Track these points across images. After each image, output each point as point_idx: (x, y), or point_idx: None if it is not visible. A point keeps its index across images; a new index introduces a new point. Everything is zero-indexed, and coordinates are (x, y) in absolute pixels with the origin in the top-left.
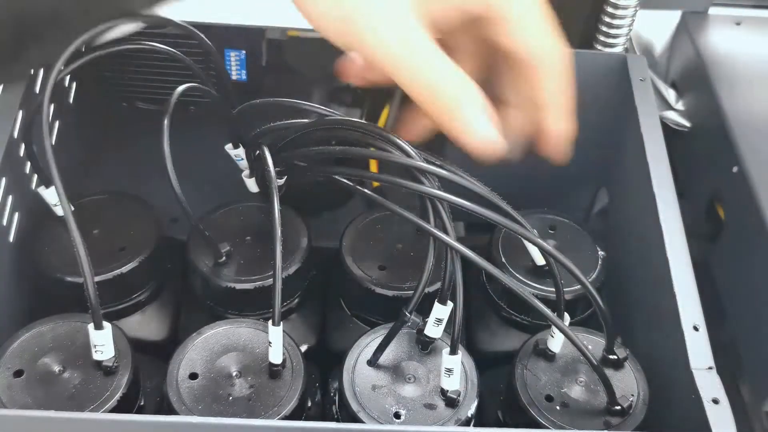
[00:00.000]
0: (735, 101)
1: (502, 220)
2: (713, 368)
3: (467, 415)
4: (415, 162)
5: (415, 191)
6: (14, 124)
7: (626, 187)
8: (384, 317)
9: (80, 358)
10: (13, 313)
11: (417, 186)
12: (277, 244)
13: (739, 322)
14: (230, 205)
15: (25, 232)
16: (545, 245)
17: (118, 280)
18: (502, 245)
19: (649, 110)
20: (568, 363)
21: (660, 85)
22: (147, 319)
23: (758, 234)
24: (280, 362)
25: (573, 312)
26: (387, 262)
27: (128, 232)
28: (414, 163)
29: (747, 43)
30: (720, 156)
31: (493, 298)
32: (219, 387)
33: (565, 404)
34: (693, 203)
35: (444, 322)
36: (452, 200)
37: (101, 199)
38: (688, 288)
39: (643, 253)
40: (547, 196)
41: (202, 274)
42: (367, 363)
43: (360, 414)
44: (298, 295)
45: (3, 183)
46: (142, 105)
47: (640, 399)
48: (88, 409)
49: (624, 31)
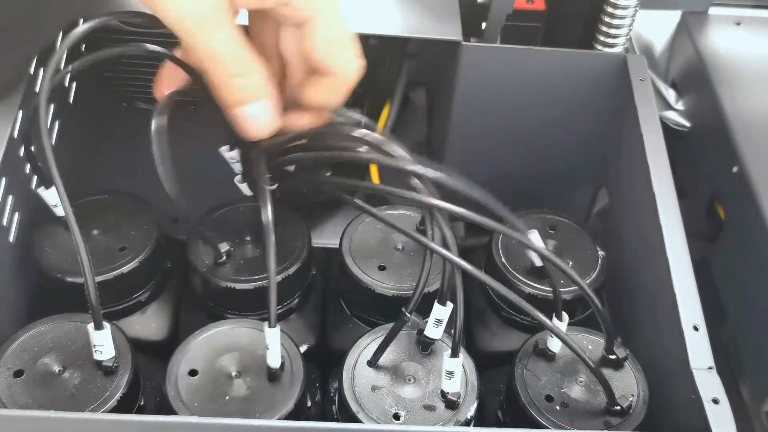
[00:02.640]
0: (735, 101)
1: (497, 226)
2: (713, 368)
3: (467, 417)
4: (409, 165)
5: (410, 199)
6: (14, 124)
7: (626, 187)
8: (384, 317)
9: (80, 358)
10: (13, 313)
11: (415, 195)
12: (270, 249)
13: (739, 322)
14: (230, 205)
15: (25, 232)
16: (540, 247)
17: (118, 280)
18: (502, 246)
19: (649, 110)
20: (568, 363)
21: (660, 85)
22: (147, 319)
23: (758, 234)
24: (277, 366)
25: (573, 312)
26: (387, 262)
27: (128, 232)
28: (408, 167)
29: (747, 43)
30: (720, 156)
31: (492, 298)
32: (217, 386)
33: (564, 404)
34: (693, 203)
35: (444, 323)
36: (450, 209)
37: (101, 199)
38: (688, 288)
39: (643, 253)
40: (547, 196)
41: (202, 274)
42: (367, 363)
43: (359, 414)
44: (298, 295)
45: (3, 183)
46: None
47: (639, 399)
48: (88, 409)
49: (624, 31)
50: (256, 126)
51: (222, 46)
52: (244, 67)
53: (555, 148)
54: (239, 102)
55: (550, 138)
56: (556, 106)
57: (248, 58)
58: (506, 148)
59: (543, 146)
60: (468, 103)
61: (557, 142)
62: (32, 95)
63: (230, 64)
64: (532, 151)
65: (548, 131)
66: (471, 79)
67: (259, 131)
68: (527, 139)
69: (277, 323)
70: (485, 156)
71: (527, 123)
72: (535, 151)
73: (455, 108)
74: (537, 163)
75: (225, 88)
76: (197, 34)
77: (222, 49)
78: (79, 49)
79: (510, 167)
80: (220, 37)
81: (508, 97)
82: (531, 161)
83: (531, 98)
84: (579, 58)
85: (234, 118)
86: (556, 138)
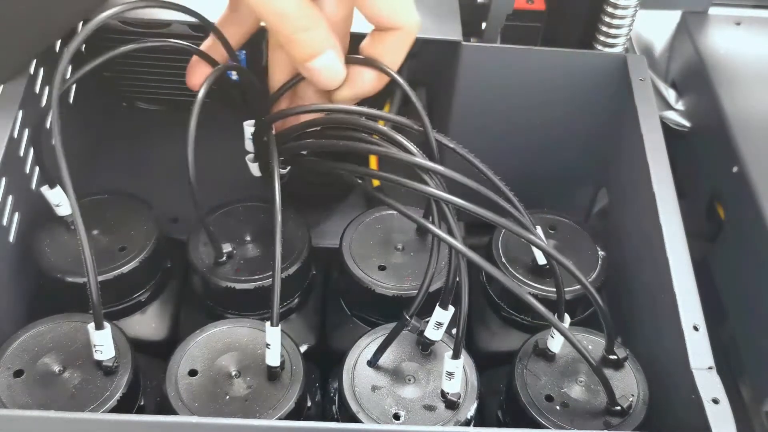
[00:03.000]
0: (735, 101)
1: (504, 222)
2: (713, 368)
3: (467, 417)
4: (419, 160)
5: (420, 192)
6: (14, 124)
7: (626, 187)
8: (384, 317)
9: (80, 358)
10: (13, 313)
11: (422, 187)
12: (277, 231)
13: (739, 322)
14: (230, 205)
15: (25, 232)
16: (545, 246)
17: (118, 280)
18: (503, 245)
19: (649, 110)
20: (568, 363)
21: (660, 85)
22: (147, 319)
23: (758, 234)
24: (277, 365)
25: (573, 312)
26: (387, 262)
27: (128, 232)
28: (417, 161)
29: (747, 43)
30: (720, 156)
31: (493, 298)
32: (217, 386)
33: (565, 404)
34: (693, 203)
35: (444, 326)
36: (456, 202)
37: (101, 199)
38: (688, 288)
39: (643, 253)
40: (547, 196)
41: (202, 274)
42: (367, 363)
43: (359, 414)
44: (298, 295)
45: (3, 183)
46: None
47: (640, 399)
48: (88, 409)
49: (624, 31)
50: (328, 75)
51: (288, 4)
52: (310, 22)
53: (555, 148)
54: (310, 56)
55: (550, 138)
56: (556, 106)
57: (313, 13)
58: (506, 148)
59: (543, 146)
60: (468, 103)
61: (557, 142)
62: (32, 95)
63: (298, 20)
64: (532, 151)
65: (548, 131)
66: (471, 79)
67: (332, 80)
68: (527, 139)
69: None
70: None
71: (527, 123)
72: (535, 151)
73: (455, 108)
74: (537, 163)
75: (295, 43)
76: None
77: (288, 7)
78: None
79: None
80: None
81: (508, 97)
82: (531, 161)
83: (531, 98)
84: (579, 58)
85: (307, 72)
86: (556, 138)
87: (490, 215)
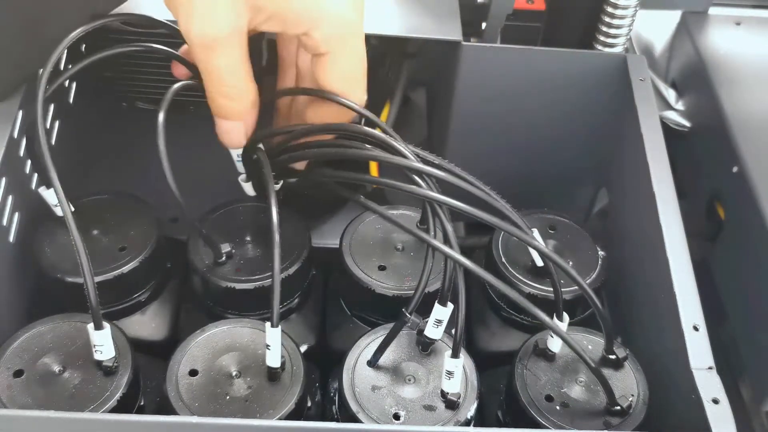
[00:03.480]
0: (735, 101)
1: (501, 224)
2: (713, 368)
3: (467, 417)
4: (412, 163)
5: (415, 195)
6: (14, 124)
7: (626, 187)
8: (384, 317)
9: (80, 358)
10: (13, 313)
11: (417, 189)
12: (275, 248)
13: (739, 322)
14: (230, 205)
15: (25, 232)
16: (542, 246)
17: (118, 280)
18: (503, 245)
19: (649, 110)
20: (568, 363)
21: (660, 85)
22: (147, 319)
23: (758, 234)
24: (278, 366)
25: (573, 312)
26: (387, 262)
27: (128, 232)
28: (411, 165)
29: (747, 43)
30: (720, 156)
31: (493, 298)
32: (217, 386)
33: (564, 404)
34: (693, 203)
35: (444, 324)
36: (451, 204)
37: (101, 199)
38: (688, 288)
39: (643, 253)
40: (547, 196)
41: (202, 274)
42: (367, 363)
43: (359, 414)
44: (298, 295)
45: (3, 183)
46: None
47: (639, 399)
48: (88, 409)
49: (624, 31)
50: (227, 138)
51: (222, 71)
52: (234, 93)
53: (555, 148)
54: (219, 115)
55: (551, 138)
56: (556, 106)
57: (241, 85)
58: (506, 148)
59: (543, 146)
60: (468, 103)
61: (557, 142)
62: (33, 95)
63: (224, 87)
64: (533, 151)
65: (548, 131)
66: (471, 79)
67: (228, 144)
68: (527, 139)
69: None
70: (485, 156)
71: (527, 123)
72: (535, 151)
73: (455, 108)
74: (537, 163)
75: (212, 101)
76: (206, 54)
77: (221, 73)
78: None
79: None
80: (224, 63)
81: (508, 97)
82: (531, 161)
83: (531, 98)
84: (579, 58)
85: (214, 122)
86: (556, 138)
87: (486, 216)
